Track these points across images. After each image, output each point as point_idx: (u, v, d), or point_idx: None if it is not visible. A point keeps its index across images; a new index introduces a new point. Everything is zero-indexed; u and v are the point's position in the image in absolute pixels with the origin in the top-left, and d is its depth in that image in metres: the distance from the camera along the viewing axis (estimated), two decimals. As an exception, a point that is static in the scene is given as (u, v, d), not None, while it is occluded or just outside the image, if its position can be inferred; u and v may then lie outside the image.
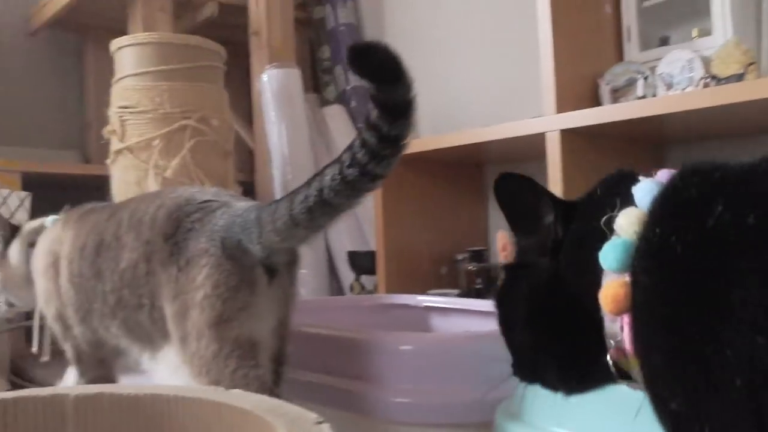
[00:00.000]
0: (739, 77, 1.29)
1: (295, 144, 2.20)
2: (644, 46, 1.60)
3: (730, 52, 1.32)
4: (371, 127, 0.73)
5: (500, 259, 1.65)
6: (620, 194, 0.50)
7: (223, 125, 1.81)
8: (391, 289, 1.91)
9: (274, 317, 0.87)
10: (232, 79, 2.03)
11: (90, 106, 2.66)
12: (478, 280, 1.79)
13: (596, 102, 1.54)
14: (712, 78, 1.35)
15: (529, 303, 0.56)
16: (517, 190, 0.58)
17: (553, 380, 0.56)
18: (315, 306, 1.70)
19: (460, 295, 1.74)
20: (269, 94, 2.19)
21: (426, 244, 1.95)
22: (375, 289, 2.10)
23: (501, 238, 1.53)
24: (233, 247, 0.82)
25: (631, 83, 1.51)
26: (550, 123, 1.41)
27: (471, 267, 1.82)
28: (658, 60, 1.49)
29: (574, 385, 0.56)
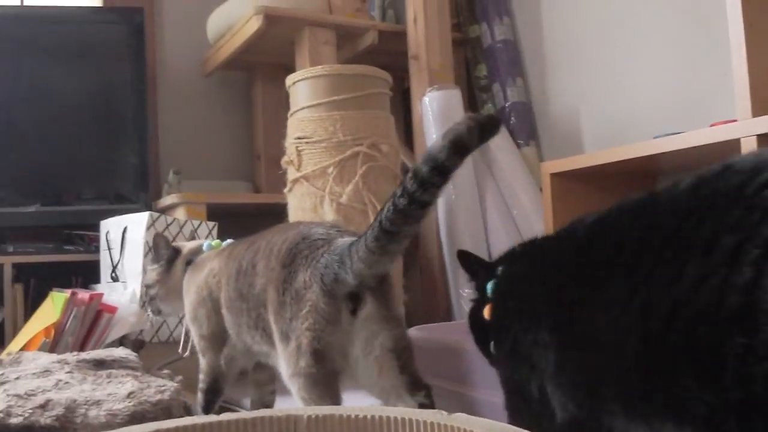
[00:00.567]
0: None
1: (458, 164, 2.20)
2: None
3: None
4: (427, 158, 0.83)
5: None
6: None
7: (391, 150, 1.85)
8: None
9: (356, 350, 0.98)
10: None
11: (258, 140, 2.83)
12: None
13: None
14: None
15: (470, 321, 0.93)
16: (465, 258, 0.98)
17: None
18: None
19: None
20: (430, 116, 2.22)
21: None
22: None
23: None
24: (330, 282, 0.95)
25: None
26: (745, 128, 1.32)
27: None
28: None
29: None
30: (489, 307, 0.88)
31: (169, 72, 2.80)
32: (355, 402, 0.98)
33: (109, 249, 1.99)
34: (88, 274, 2.20)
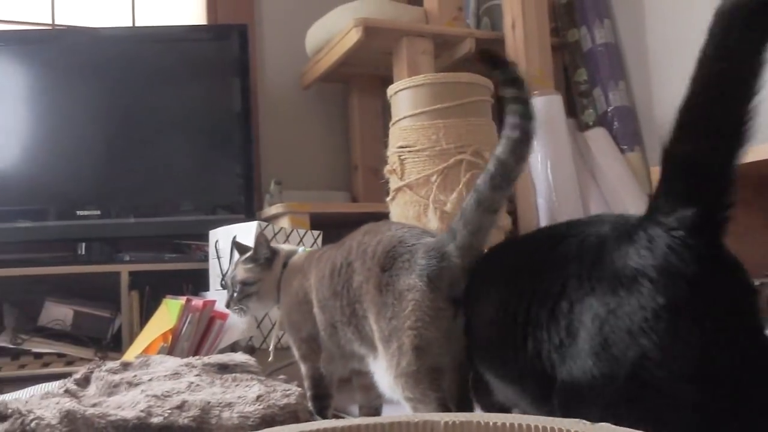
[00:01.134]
0: None
1: (560, 171, 2.17)
2: None
3: None
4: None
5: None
6: None
7: (494, 157, 1.84)
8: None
9: (457, 346, 1.02)
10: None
11: (356, 150, 2.87)
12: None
13: None
14: None
15: None
16: None
17: None
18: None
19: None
20: (531, 123, 2.19)
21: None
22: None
23: None
24: (436, 279, 1.01)
25: None
26: None
27: (775, 292, 1.64)
28: None
29: None
30: None
31: (269, 85, 2.89)
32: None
33: (218, 257, 2.06)
34: (197, 282, 2.28)
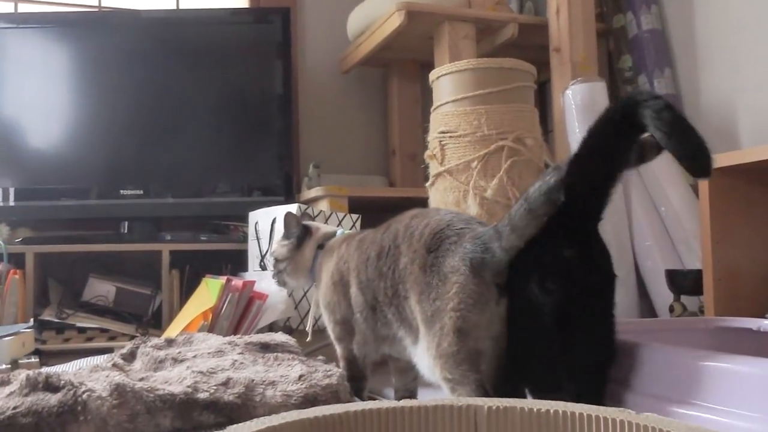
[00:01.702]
0: None
1: (601, 159, 2.14)
2: None
3: None
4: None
5: None
6: None
7: (536, 144, 1.82)
8: (720, 312, 1.76)
9: (498, 330, 1.03)
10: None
11: (394, 135, 2.86)
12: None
13: None
14: None
15: None
16: None
17: None
18: (640, 328, 1.62)
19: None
20: (573, 109, 2.16)
21: (761, 262, 1.77)
22: (699, 311, 1.95)
23: None
24: (479, 266, 1.02)
25: None
26: None
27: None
28: None
29: None
30: None
31: (309, 69, 2.89)
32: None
33: (258, 239, 2.08)
34: (235, 262, 2.32)
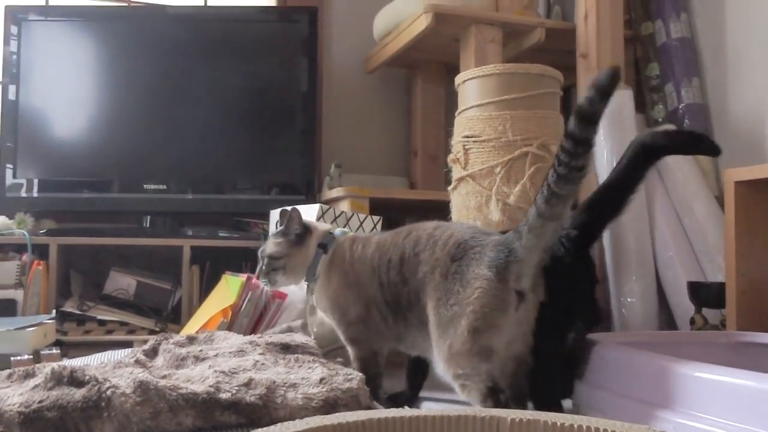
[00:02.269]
0: None
1: (626, 167, 2.12)
2: None
3: None
4: (566, 134, 1.02)
5: None
6: None
7: (560, 151, 1.81)
8: (743, 326, 1.74)
9: (513, 333, 1.13)
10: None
11: (416, 136, 2.86)
12: None
13: None
14: None
15: None
16: None
17: None
18: (660, 340, 1.60)
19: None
20: (599, 117, 2.14)
21: (786, 276, 1.75)
22: (721, 325, 1.92)
23: None
24: (502, 270, 1.10)
25: None
26: None
27: None
28: None
29: None
30: None
31: (334, 69, 2.90)
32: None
33: (279, 237, 2.09)
34: (255, 260, 2.32)
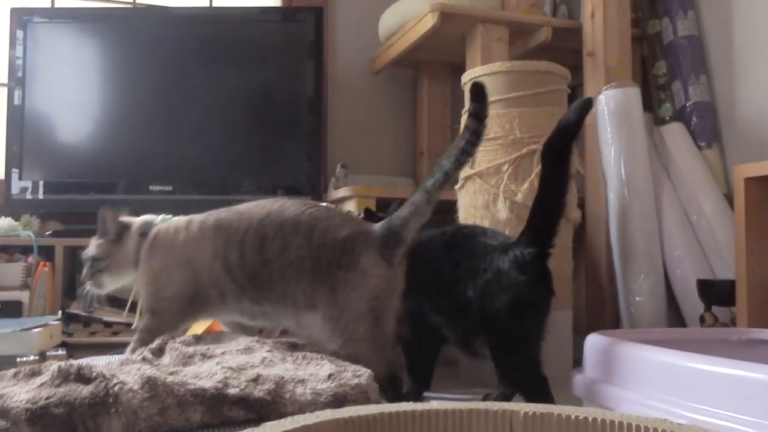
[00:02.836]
0: None
1: (633, 165, 2.11)
2: None
3: None
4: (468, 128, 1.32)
5: None
6: None
7: (568, 148, 1.80)
8: (753, 323, 1.72)
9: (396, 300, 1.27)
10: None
11: (422, 136, 2.85)
12: None
13: None
14: None
15: None
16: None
17: None
18: (670, 337, 1.59)
19: None
20: (606, 115, 2.13)
21: (797, 273, 1.73)
22: (731, 323, 1.91)
23: None
24: (390, 256, 1.24)
25: None
26: None
27: None
28: None
29: None
30: None
31: (339, 69, 2.89)
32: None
33: (285, 237, 2.08)
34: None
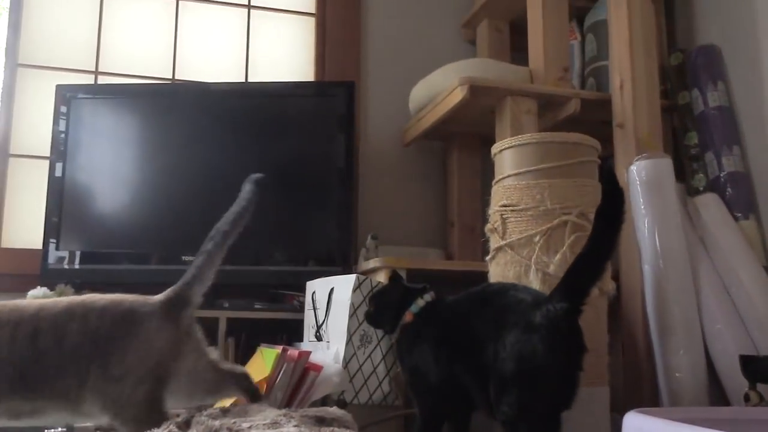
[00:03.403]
0: None
1: (668, 236, 2.07)
2: None
3: None
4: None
5: None
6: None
7: (600, 219, 1.78)
8: (802, 402, 1.65)
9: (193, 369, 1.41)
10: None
11: (452, 207, 2.85)
12: None
13: None
14: None
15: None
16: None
17: None
18: (714, 417, 1.52)
19: None
20: (638, 185, 2.11)
21: None
22: (778, 401, 1.83)
23: None
24: (177, 320, 1.41)
25: None
26: None
27: None
28: None
29: None
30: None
31: (371, 142, 2.94)
32: None
33: (315, 308, 2.07)
34: (290, 332, 2.30)
